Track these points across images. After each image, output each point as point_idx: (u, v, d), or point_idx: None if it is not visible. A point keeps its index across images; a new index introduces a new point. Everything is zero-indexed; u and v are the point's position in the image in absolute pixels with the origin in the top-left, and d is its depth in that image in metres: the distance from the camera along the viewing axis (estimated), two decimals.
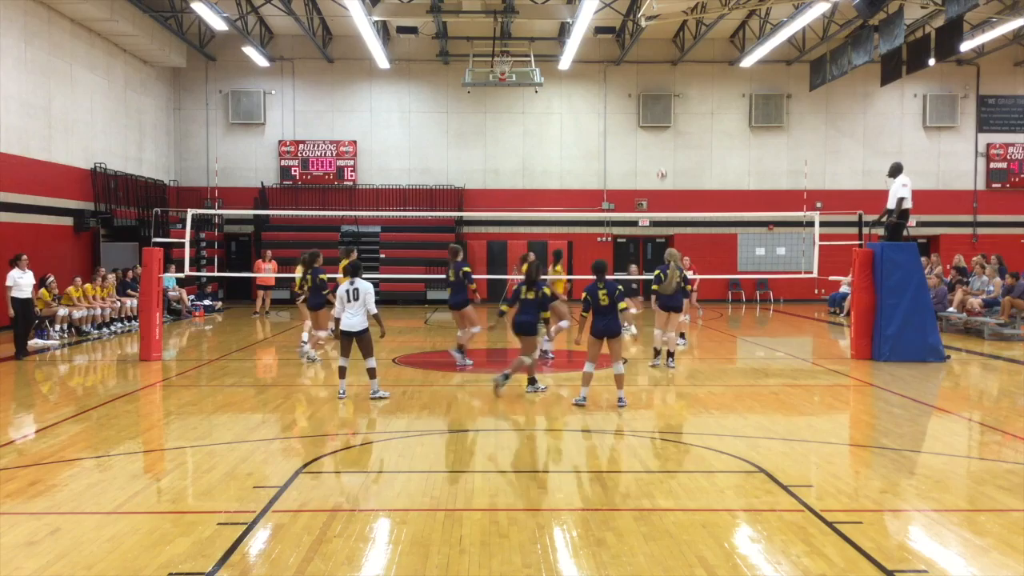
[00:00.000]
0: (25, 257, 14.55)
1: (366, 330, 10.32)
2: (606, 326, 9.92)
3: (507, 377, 10.83)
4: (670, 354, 13.42)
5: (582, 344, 10.39)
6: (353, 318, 10.27)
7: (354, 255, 14.00)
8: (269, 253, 23.02)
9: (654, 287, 13.24)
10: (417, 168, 28.35)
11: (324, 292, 13.08)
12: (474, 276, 13.68)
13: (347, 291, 10.31)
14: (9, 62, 18.74)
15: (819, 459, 7.96)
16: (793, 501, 6.43)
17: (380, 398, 10.45)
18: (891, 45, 20.99)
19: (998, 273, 18.70)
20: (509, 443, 8.42)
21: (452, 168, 28.33)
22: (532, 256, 12.57)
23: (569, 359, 14.52)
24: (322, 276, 13.16)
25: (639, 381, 12.55)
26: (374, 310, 10.28)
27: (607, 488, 6.85)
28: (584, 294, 9.99)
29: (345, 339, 10.40)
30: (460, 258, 13.37)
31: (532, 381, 11.09)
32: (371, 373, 10.51)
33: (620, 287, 10.02)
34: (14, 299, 14.20)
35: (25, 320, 14.41)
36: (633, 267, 20.21)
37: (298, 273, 13.90)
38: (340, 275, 14.69)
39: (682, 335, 13.97)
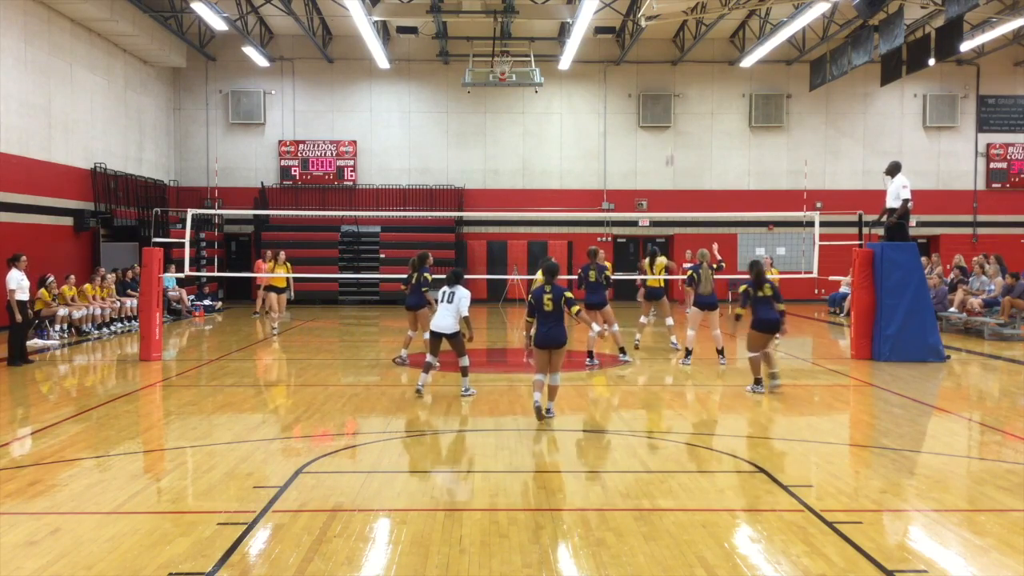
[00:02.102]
0: (24, 257, 14.09)
1: (457, 332, 10.60)
2: (547, 334, 9.11)
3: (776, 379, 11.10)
4: (720, 351, 13.58)
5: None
6: (444, 320, 10.56)
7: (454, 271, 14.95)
8: (269, 253, 22.98)
9: (687, 287, 13.48)
10: (417, 168, 28.35)
11: (424, 290, 13.27)
12: (475, 277, 14.00)
13: (444, 293, 10.76)
14: (9, 62, 18.74)
15: (819, 459, 7.96)
16: (793, 501, 6.43)
17: (468, 395, 10.75)
18: (891, 45, 20.99)
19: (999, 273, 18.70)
20: (509, 443, 8.42)
21: (452, 168, 28.33)
22: (762, 256, 12.33)
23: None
24: (427, 275, 13.27)
25: (640, 381, 12.56)
26: (465, 313, 10.56)
27: (607, 488, 6.85)
28: (528, 297, 9.33)
29: (434, 339, 10.76)
30: (600, 259, 13.70)
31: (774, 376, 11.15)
32: (463, 371, 10.79)
33: (568, 293, 9.15)
34: (19, 302, 13.56)
35: (26, 324, 14.11)
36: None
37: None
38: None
39: (688, 352, 13.89)
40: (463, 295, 10.62)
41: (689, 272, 13.81)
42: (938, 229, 28.63)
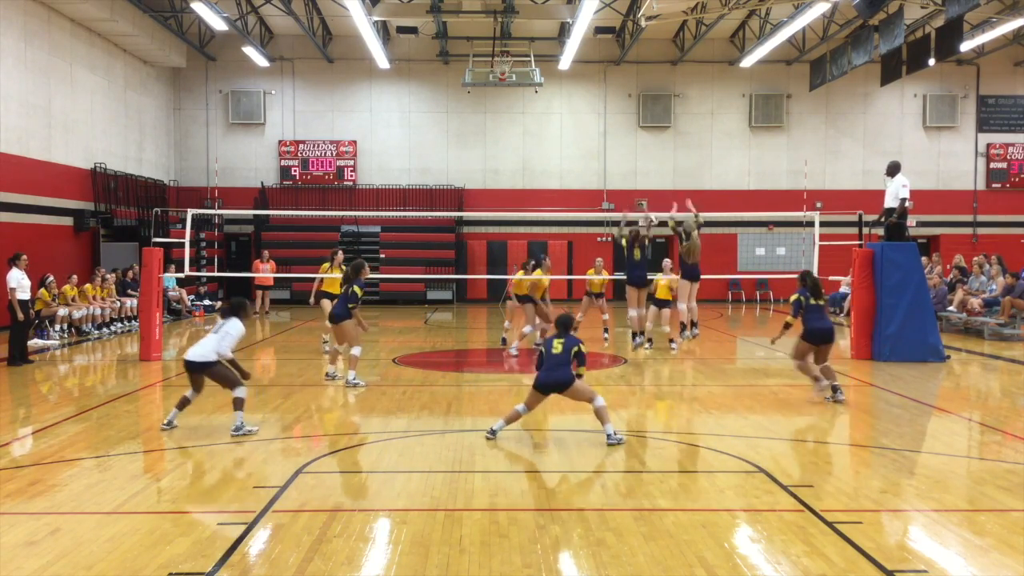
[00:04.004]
0: (24, 257, 14.08)
1: (214, 364, 8.69)
2: (548, 376, 8.27)
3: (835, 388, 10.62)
4: (694, 323, 14.00)
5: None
6: (199, 347, 8.72)
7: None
8: (267, 253, 23.02)
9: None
10: (417, 168, 28.35)
11: (351, 306, 11.76)
12: (475, 277, 14.03)
13: (217, 324, 8.96)
14: (9, 62, 18.74)
15: (819, 459, 7.96)
16: (793, 501, 6.43)
17: (241, 433, 8.59)
18: (891, 45, 20.99)
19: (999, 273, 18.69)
20: (509, 443, 8.41)
21: (452, 168, 28.33)
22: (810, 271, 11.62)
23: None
24: (356, 289, 11.79)
25: (639, 380, 12.56)
26: (228, 355, 8.69)
27: (607, 488, 6.84)
28: (540, 348, 8.71)
29: (188, 371, 8.86)
30: (641, 237, 14.19)
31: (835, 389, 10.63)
32: (236, 403, 8.68)
33: (583, 346, 8.43)
34: (20, 301, 13.50)
35: (27, 323, 14.06)
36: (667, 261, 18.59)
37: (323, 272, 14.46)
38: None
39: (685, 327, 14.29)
40: (230, 330, 8.74)
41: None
42: (938, 229, 28.62)
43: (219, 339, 8.69)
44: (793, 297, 10.88)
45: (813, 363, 10.64)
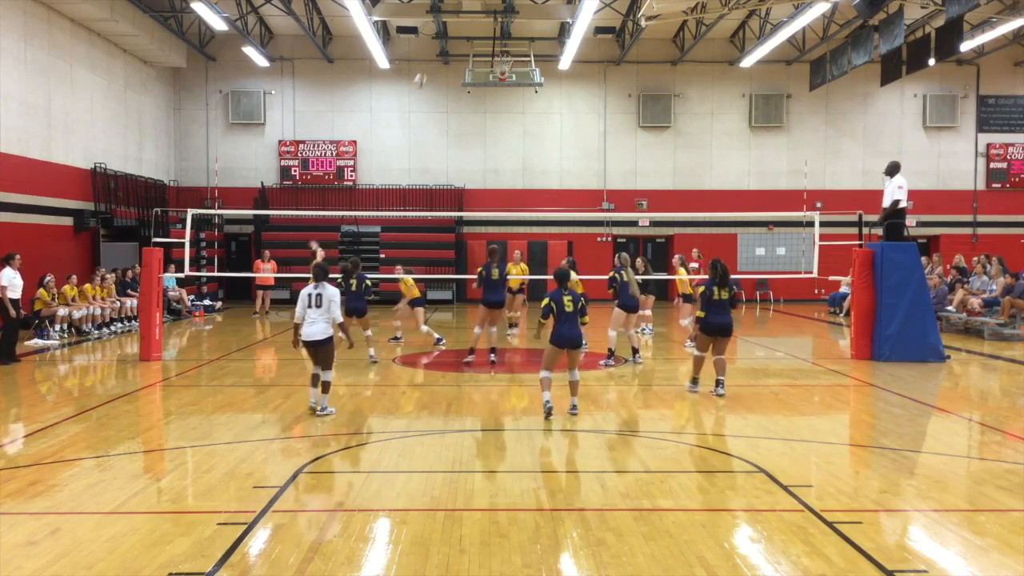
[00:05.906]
0: (18, 257, 14.07)
1: (329, 339, 9.57)
2: (569, 332, 9.30)
3: (697, 382, 11.18)
4: (635, 350, 13.86)
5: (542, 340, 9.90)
6: (314, 326, 9.47)
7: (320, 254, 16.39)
8: (267, 253, 23.02)
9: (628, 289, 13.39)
10: (417, 168, 28.35)
11: (371, 297, 13.71)
12: (474, 277, 14.57)
13: (310, 295, 9.51)
14: (9, 62, 18.73)
15: (819, 459, 7.96)
16: (793, 501, 6.43)
17: (325, 414, 9.58)
18: (891, 45, 20.99)
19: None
20: (509, 443, 8.42)
21: (452, 168, 28.33)
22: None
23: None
24: (367, 282, 13.84)
25: (637, 380, 12.56)
26: (339, 318, 9.60)
27: (607, 488, 6.85)
28: (547, 300, 9.34)
29: (309, 350, 9.67)
30: (626, 262, 13.72)
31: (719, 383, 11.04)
32: (324, 387, 9.64)
33: (583, 298, 9.47)
34: (12, 300, 13.65)
35: (17, 322, 13.96)
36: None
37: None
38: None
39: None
40: (332, 295, 9.51)
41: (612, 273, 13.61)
42: (938, 229, 28.62)
43: (328, 311, 9.42)
44: (700, 290, 11.08)
45: (710, 352, 11.01)
